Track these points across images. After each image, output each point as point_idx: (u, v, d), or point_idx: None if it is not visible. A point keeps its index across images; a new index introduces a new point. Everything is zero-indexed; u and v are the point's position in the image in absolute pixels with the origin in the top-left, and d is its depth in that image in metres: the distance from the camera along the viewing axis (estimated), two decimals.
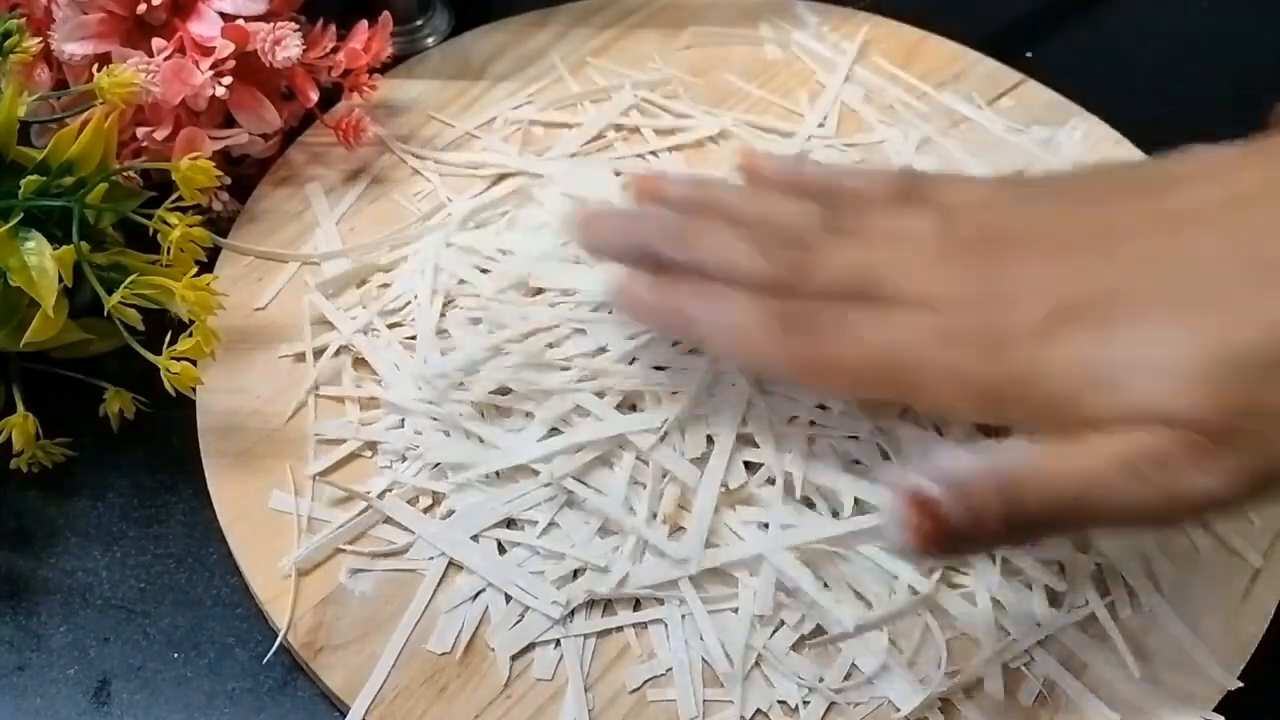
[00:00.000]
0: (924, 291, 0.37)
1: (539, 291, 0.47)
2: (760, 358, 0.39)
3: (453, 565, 0.41)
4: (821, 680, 0.39)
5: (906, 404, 0.42)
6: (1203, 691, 0.40)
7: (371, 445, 0.44)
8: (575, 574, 0.41)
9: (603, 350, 0.44)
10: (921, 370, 0.36)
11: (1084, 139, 0.54)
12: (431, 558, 0.41)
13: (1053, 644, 0.40)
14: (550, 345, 0.45)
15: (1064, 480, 0.33)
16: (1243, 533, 0.43)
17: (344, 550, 0.42)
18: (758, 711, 0.39)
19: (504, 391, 0.44)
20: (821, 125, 0.54)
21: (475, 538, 0.42)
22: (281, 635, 0.40)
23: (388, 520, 0.42)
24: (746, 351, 0.39)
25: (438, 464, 0.43)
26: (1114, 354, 0.34)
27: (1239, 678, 0.40)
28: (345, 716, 0.39)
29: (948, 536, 0.33)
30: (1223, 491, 0.33)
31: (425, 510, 0.42)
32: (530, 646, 0.40)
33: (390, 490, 0.43)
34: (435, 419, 0.44)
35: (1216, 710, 0.39)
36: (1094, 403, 0.34)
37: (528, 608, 0.40)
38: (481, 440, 0.43)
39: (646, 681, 0.39)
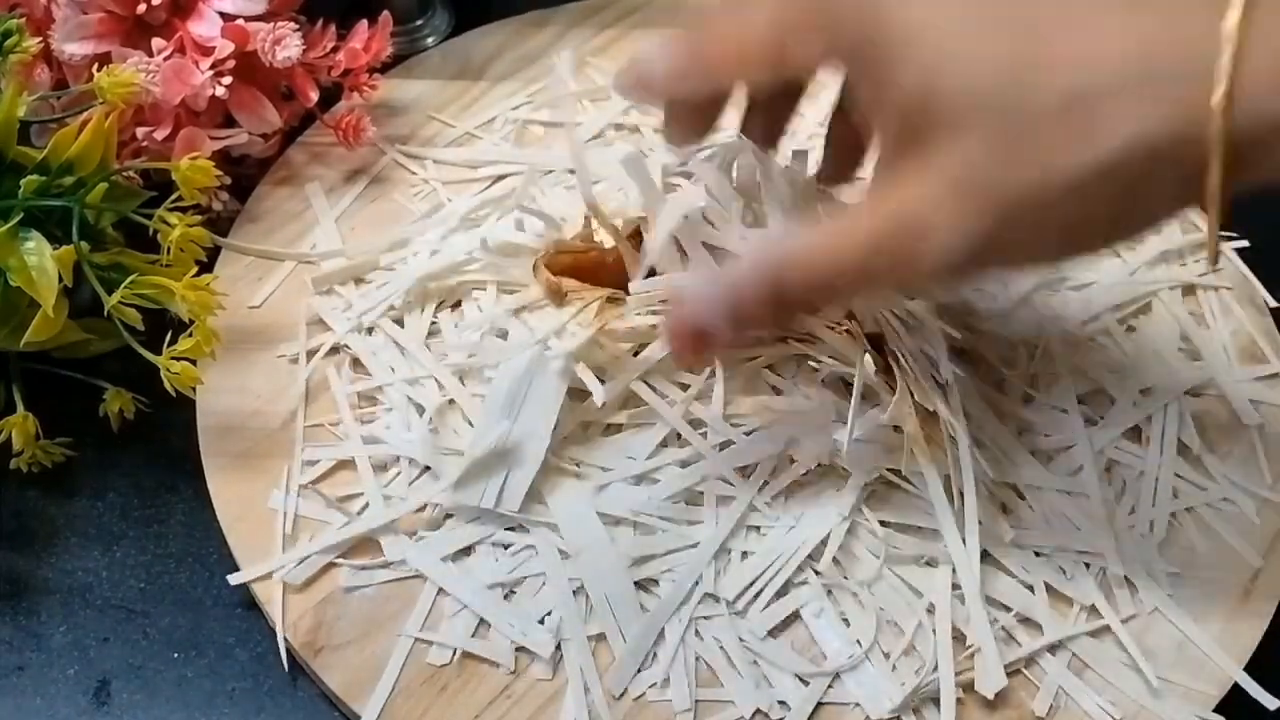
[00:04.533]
0: None
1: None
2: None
3: None
4: (816, 677, 0.39)
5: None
6: (1203, 691, 0.40)
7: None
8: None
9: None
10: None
11: None
12: None
13: (1054, 643, 0.40)
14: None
15: (820, 264, 0.35)
16: (1243, 533, 0.43)
17: (337, 564, 0.41)
18: (757, 711, 0.39)
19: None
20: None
21: (468, 549, 0.42)
22: (282, 635, 0.40)
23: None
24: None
25: (428, 468, 0.43)
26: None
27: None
28: (345, 717, 0.39)
29: (704, 340, 0.37)
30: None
31: (422, 510, 0.42)
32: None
33: (384, 491, 0.43)
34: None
35: (1216, 710, 0.39)
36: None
37: None
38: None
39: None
